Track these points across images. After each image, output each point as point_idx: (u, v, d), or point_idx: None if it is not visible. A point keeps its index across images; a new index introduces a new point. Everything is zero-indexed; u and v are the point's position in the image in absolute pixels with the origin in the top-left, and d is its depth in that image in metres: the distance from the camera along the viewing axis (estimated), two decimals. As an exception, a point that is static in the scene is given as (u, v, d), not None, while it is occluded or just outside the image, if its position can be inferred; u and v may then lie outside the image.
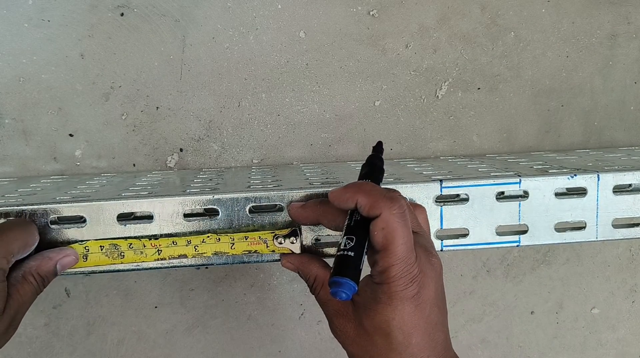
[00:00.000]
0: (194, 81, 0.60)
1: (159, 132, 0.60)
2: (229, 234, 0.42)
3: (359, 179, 0.40)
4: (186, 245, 0.41)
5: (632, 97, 0.67)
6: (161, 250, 0.41)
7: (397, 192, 0.37)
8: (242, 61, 0.60)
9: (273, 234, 0.42)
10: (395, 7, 0.62)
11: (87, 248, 0.41)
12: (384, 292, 0.35)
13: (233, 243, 0.42)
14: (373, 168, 0.41)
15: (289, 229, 0.42)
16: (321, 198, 0.41)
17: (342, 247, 0.35)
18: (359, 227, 0.36)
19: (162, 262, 0.42)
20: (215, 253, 0.42)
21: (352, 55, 0.62)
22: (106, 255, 0.41)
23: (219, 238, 0.42)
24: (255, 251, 0.42)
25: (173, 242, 0.41)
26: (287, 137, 0.62)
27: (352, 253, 0.35)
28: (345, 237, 0.36)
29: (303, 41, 0.61)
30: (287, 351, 0.65)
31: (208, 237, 0.42)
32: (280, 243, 0.42)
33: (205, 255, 0.42)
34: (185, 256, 0.42)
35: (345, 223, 0.37)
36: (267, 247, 0.42)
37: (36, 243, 0.40)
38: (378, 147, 0.43)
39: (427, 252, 0.37)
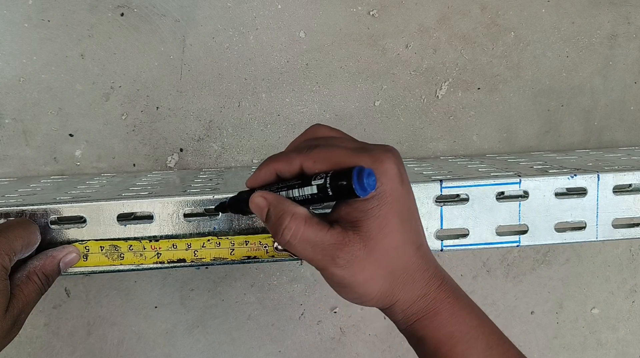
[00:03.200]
0: (194, 81, 0.60)
1: (159, 132, 0.60)
2: (229, 238, 0.42)
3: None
4: (186, 250, 0.41)
5: (632, 97, 0.67)
6: (160, 253, 0.41)
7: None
8: (242, 61, 0.60)
9: (273, 239, 0.42)
10: (395, 7, 0.62)
11: (87, 248, 0.41)
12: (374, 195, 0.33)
13: (233, 249, 0.42)
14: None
15: None
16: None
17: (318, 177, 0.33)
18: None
19: (162, 264, 0.42)
20: (215, 259, 0.42)
21: (352, 55, 0.62)
22: (106, 256, 0.41)
23: (219, 243, 0.42)
24: (255, 257, 0.42)
25: (173, 245, 0.41)
26: (287, 137, 0.62)
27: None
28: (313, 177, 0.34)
29: (303, 41, 0.61)
30: (287, 351, 0.65)
31: (208, 240, 0.42)
32: (279, 248, 0.42)
33: (204, 260, 0.42)
34: (184, 260, 0.42)
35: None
36: (267, 252, 0.42)
37: (38, 243, 0.40)
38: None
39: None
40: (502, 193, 0.45)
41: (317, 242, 0.34)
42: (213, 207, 0.41)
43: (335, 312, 0.65)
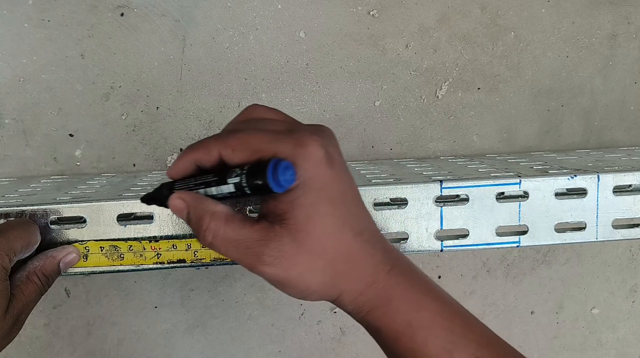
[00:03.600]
0: (194, 81, 0.60)
1: (159, 132, 0.60)
2: None
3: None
4: (186, 250, 0.41)
5: (632, 97, 0.67)
6: (160, 254, 0.41)
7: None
8: (242, 61, 0.60)
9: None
10: (395, 7, 0.61)
11: (87, 248, 0.41)
12: (296, 190, 0.31)
13: None
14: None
15: None
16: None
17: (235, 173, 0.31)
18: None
19: (162, 264, 0.42)
20: (214, 260, 0.42)
21: (352, 55, 0.62)
22: (106, 257, 0.41)
23: None
24: None
25: (173, 246, 0.41)
26: (287, 137, 0.62)
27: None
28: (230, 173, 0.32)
29: (303, 41, 0.61)
30: (287, 351, 0.65)
31: None
32: None
33: (204, 260, 0.42)
34: (184, 260, 0.42)
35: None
36: None
37: (38, 243, 0.40)
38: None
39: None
40: (502, 193, 0.45)
41: (240, 241, 0.32)
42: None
43: (335, 312, 0.65)
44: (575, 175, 0.44)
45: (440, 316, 0.33)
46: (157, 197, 0.35)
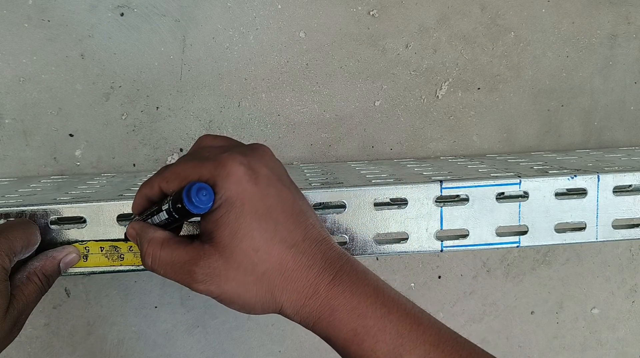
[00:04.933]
0: (194, 81, 0.60)
1: (159, 132, 0.60)
2: None
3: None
4: None
5: (632, 97, 0.67)
6: None
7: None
8: (242, 61, 0.60)
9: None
10: (395, 7, 0.61)
11: (87, 248, 0.41)
12: (221, 212, 0.33)
13: None
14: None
15: None
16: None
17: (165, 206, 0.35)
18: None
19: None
20: None
21: (352, 55, 0.62)
22: (106, 257, 0.41)
23: None
24: None
25: None
26: (287, 137, 0.62)
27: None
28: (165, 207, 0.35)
29: (303, 41, 0.61)
30: (287, 351, 0.65)
31: None
32: None
33: None
34: None
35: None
36: None
37: (38, 243, 0.40)
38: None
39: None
40: (502, 193, 0.45)
41: (174, 262, 0.34)
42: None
43: (335, 312, 0.65)
44: (575, 175, 0.44)
45: (387, 320, 0.33)
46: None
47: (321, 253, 0.34)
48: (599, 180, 0.45)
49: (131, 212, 0.39)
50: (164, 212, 0.35)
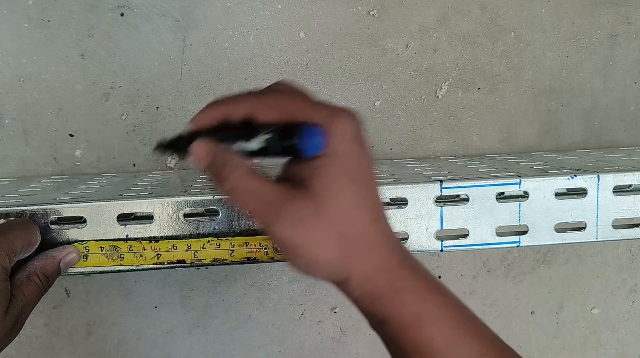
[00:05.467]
0: (194, 81, 0.60)
1: (159, 132, 0.60)
2: (229, 239, 0.42)
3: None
4: (186, 250, 0.41)
5: (632, 97, 0.67)
6: (160, 254, 0.41)
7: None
8: (242, 61, 0.60)
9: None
10: (395, 7, 0.61)
11: (87, 248, 0.41)
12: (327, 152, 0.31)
13: (233, 251, 0.42)
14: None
15: None
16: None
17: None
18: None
19: (162, 264, 0.42)
20: (214, 260, 0.42)
21: (352, 55, 0.62)
22: (106, 257, 0.41)
23: (219, 244, 0.42)
24: (255, 258, 0.42)
25: (173, 246, 0.41)
26: (287, 137, 0.62)
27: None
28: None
29: (303, 41, 0.61)
30: (287, 351, 0.65)
31: (208, 242, 0.42)
32: (279, 250, 0.42)
33: (204, 261, 0.42)
34: (183, 261, 0.42)
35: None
36: (267, 254, 0.42)
37: (38, 243, 0.40)
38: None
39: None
40: (502, 193, 0.45)
41: (262, 194, 0.31)
42: (153, 148, 0.37)
43: (335, 312, 0.65)
44: (575, 175, 0.44)
45: (446, 310, 0.33)
46: (176, 144, 0.35)
47: (393, 235, 0.34)
48: (599, 180, 0.45)
49: (190, 127, 0.33)
50: (261, 141, 0.31)
